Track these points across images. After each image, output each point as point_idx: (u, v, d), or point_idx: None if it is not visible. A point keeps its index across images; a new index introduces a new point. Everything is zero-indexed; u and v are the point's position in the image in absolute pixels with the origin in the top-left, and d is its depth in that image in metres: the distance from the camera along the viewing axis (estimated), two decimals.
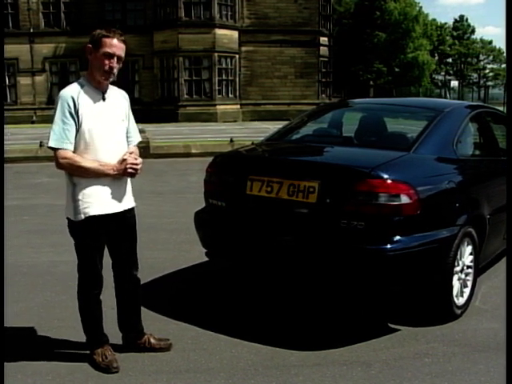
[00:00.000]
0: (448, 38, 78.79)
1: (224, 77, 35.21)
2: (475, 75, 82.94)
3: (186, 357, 3.99)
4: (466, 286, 4.80)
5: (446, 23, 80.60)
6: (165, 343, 4.10)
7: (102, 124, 3.67)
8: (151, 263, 6.05)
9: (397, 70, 60.63)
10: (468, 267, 4.79)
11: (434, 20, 76.84)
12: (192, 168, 13.33)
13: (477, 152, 5.77)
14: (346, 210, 4.11)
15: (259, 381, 3.69)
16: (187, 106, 34.10)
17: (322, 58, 38.02)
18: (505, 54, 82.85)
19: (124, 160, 3.69)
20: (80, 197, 3.63)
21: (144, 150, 16.45)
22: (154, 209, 9.07)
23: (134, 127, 3.95)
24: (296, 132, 5.78)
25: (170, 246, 6.78)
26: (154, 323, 4.49)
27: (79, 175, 3.62)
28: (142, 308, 4.78)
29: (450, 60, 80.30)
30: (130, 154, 3.76)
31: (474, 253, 4.83)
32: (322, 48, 37.96)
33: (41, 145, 16.30)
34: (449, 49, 77.61)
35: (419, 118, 5.49)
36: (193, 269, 5.91)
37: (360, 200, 4.06)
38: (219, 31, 34.60)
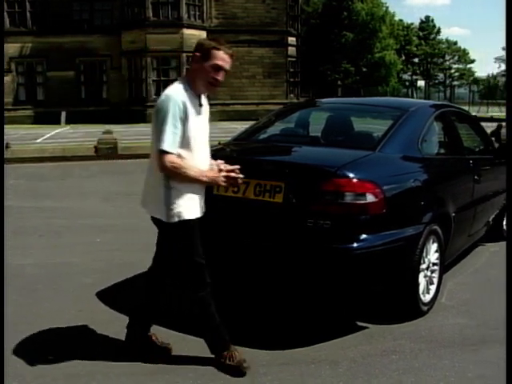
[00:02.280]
0: (414, 38, 79.61)
1: None
2: (441, 75, 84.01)
3: (154, 358, 3.95)
4: (431, 283, 4.86)
5: (412, 23, 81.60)
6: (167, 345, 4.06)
7: (200, 131, 3.69)
8: (119, 264, 6.03)
9: (364, 69, 61.11)
10: (434, 264, 4.84)
11: (401, 20, 77.65)
12: None
13: (441, 151, 5.85)
14: (312, 209, 4.13)
15: (228, 381, 3.69)
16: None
17: (290, 58, 38.15)
18: (469, 55, 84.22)
19: (220, 170, 3.71)
20: (176, 200, 3.62)
21: (111, 150, 16.43)
22: (123, 210, 9.02)
23: None
24: (263, 132, 5.78)
25: (139, 247, 6.72)
26: (122, 324, 4.46)
27: (179, 180, 3.61)
28: (110, 311, 4.78)
29: (416, 60, 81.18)
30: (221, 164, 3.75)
31: (440, 250, 4.89)
32: (290, 48, 38.08)
33: (7, 146, 16.08)
34: (415, 49, 78.45)
35: (385, 117, 5.54)
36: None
37: (326, 199, 4.09)
38: (187, 31, 34.51)
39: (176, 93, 3.58)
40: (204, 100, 3.78)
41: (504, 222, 7.15)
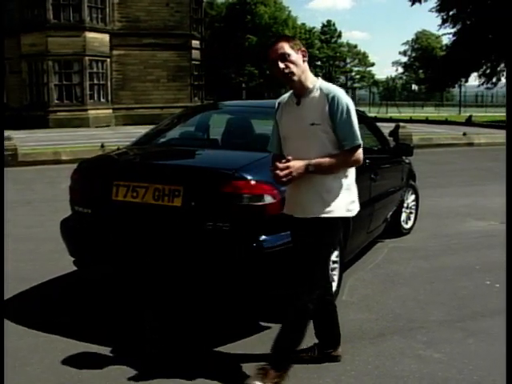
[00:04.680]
0: (316, 41, 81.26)
1: (95, 81, 34.42)
2: (343, 77, 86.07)
3: (55, 370, 3.87)
4: (332, 281, 4.94)
5: (314, 27, 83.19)
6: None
7: (290, 129, 3.60)
8: (19, 274, 5.84)
9: (268, 72, 61.75)
10: (334, 262, 4.92)
11: (303, 24, 79.03)
12: (62, 175, 12.90)
13: None
14: (211, 212, 4.15)
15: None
16: (58, 112, 33.01)
17: (194, 62, 38.06)
18: (369, 58, 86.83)
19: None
20: None
21: (12, 157, 15.87)
22: (23, 218, 8.76)
23: (344, 130, 3.48)
24: (163, 135, 5.76)
25: (39, 256, 6.57)
26: (22, 338, 4.34)
27: None
28: (8, 322, 4.61)
29: (319, 63, 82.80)
30: (288, 160, 3.42)
31: (339, 248, 4.98)
32: (194, 51, 38.00)
33: None
34: (317, 52, 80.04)
35: None
36: (63, 279, 5.75)
37: (225, 202, 4.10)
38: (90, 34, 33.78)
39: (282, 97, 3.81)
40: (315, 96, 3.52)
41: (402, 219, 7.41)
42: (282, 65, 3.47)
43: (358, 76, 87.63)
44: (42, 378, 3.76)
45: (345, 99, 3.51)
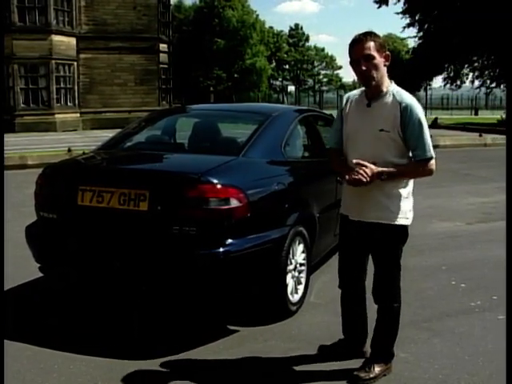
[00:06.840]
0: (284, 45, 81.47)
1: (62, 85, 34.02)
2: (310, 80, 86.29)
3: (21, 378, 3.83)
4: (299, 283, 4.98)
5: (282, 31, 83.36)
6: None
7: (357, 130, 3.63)
8: None
9: (236, 75, 61.88)
10: (301, 265, 4.96)
11: (271, 28, 79.18)
12: (28, 180, 12.65)
13: (305, 154, 6.01)
14: (177, 216, 4.13)
15: None
16: (24, 116, 32.55)
17: (161, 65, 37.88)
18: (336, 61, 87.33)
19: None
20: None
21: None
22: None
23: (416, 141, 3.54)
24: (129, 139, 5.70)
25: (6, 263, 6.47)
26: None
27: None
28: None
29: (286, 66, 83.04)
30: (371, 163, 3.47)
31: (306, 251, 5.02)
32: (161, 55, 37.82)
33: None
34: (285, 55, 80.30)
35: (249, 122, 5.63)
36: (30, 285, 5.69)
37: (191, 206, 4.09)
38: (56, 37, 33.35)
39: (350, 92, 3.86)
40: (387, 102, 3.55)
41: None
42: (364, 66, 3.50)
43: (325, 79, 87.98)
44: None
45: (417, 109, 3.54)
